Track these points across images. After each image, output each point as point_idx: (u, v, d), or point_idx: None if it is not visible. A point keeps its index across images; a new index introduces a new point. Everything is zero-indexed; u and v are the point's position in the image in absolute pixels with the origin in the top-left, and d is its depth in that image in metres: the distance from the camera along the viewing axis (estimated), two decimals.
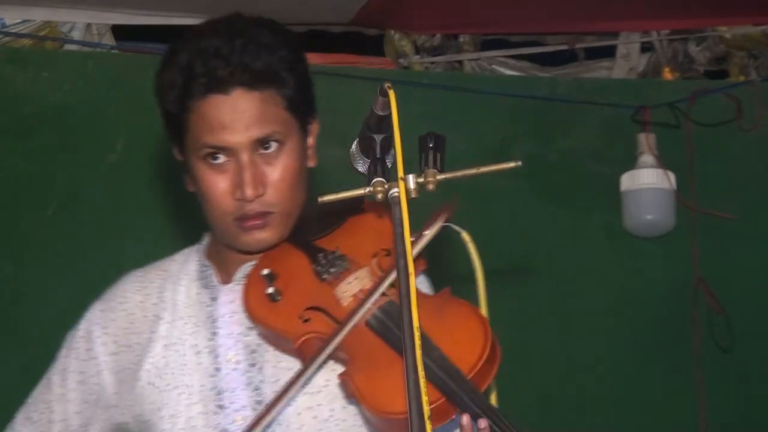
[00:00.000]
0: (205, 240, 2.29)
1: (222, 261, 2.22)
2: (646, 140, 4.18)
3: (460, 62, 4.38)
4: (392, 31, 4.21)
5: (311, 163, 2.24)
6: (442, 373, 1.93)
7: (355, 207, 2.21)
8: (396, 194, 1.82)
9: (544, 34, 4.42)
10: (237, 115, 2.08)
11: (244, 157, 2.08)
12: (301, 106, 2.17)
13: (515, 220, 4.08)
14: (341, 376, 2.01)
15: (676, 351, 4.14)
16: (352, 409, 2.09)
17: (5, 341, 3.66)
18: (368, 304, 2.01)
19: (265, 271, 2.11)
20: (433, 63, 4.34)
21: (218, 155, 2.09)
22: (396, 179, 1.83)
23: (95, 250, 3.76)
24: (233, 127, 2.08)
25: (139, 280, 2.28)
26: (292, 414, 2.07)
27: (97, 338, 2.22)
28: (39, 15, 3.86)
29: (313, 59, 4.05)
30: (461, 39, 4.33)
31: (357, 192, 1.90)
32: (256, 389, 2.10)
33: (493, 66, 4.37)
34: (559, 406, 4.06)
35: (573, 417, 4.05)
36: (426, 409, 1.67)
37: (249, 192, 2.07)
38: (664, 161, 4.15)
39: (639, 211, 4.15)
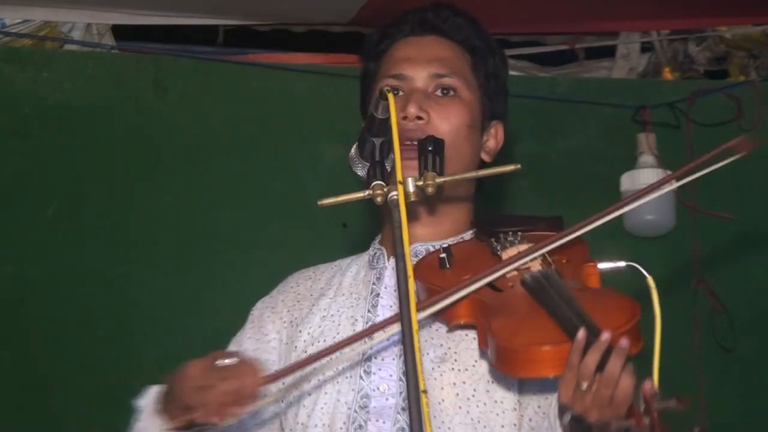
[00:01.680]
0: (379, 235, 2.36)
1: (390, 238, 2.25)
2: (646, 140, 4.18)
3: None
4: None
5: (484, 156, 2.30)
6: (577, 319, 1.90)
7: (554, 223, 2.25)
8: (395, 197, 1.83)
9: (544, 34, 4.41)
10: (424, 51, 2.24)
11: (419, 83, 2.20)
12: (488, 89, 2.28)
13: None
14: (480, 322, 2.01)
15: (676, 351, 4.14)
16: (493, 394, 2.10)
17: (5, 341, 3.66)
18: (517, 264, 2.03)
19: (443, 255, 2.14)
20: None
21: (399, 90, 2.20)
22: (395, 182, 1.84)
23: (95, 250, 3.76)
24: (416, 59, 2.23)
25: (312, 271, 2.37)
26: (434, 387, 2.08)
27: (267, 318, 2.30)
28: (39, 15, 3.86)
29: (313, 59, 4.09)
30: None
31: (357, 195, 1.91)
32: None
33: None
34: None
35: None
36: (426, 410, 1.67)
37: (412, 109, 2.18)
38: (664, 161, 4.15)
39: (639, 211, 4.14)
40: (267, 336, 2.28)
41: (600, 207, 4.14)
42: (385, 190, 1.87)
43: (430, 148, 1.91)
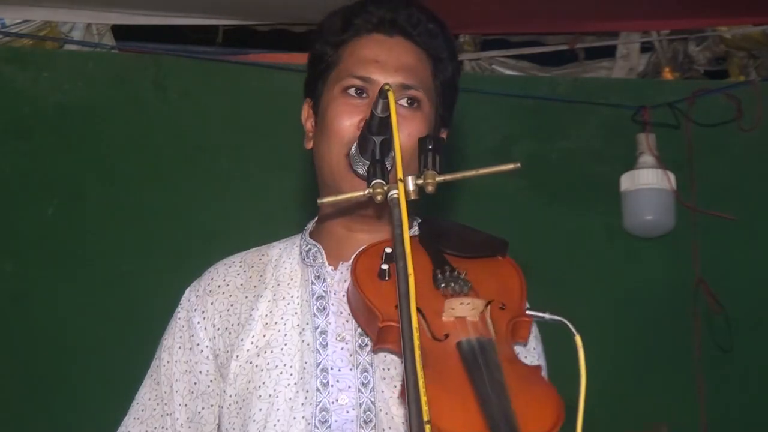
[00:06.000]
0: (310, 225, 2.26)
1: (332, 240, 2.19)
2: (646, 140, 4.18)
3: (460, 62, 4.37)
4: None
5: None
6: (504, 422, 1.81)
7: (498, 248, 2.19)
8: (395, 196, 1.82)
9: (544, 34, 4.42)
10: (392, 56, 2.13)
11: None
12: (444, 96, 2.19)
13: (515, 220, 4.08)
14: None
15: (676, 351, 4.14)
16: None
17: (5, 340, 3.66)
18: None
19: (388, 250, 2.05)
20: None
21: (361, 90, 2.11)
22: (395, 181, 1.83)
23: (95, 250, 3.76)
24: (385, 64, 2.12)
25: (239, 264, 2.25)
26: (384, 416, 2.04)
27: (198, 324, 2.19)
28: (39, 15, 3.86)
29: None
30: (461, 39, 4.33)
31: (356, 194, 1.90)
32: (364, 371, 2.06)
33: (493, 66, 4.37)
34: None
35: (572, 416, 4.05)
36: (425, 409, 1.67)
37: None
38: (664, 161, 4.15)
39: (639, 211, 4.15)
40: (199, 345, 2.17)
41: (600, 207, 4.18)
42: (385, 188, 1.85)
43: (429, 147, 1.90)
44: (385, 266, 2.03)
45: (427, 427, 1.65)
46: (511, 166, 1.92)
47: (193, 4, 3.89)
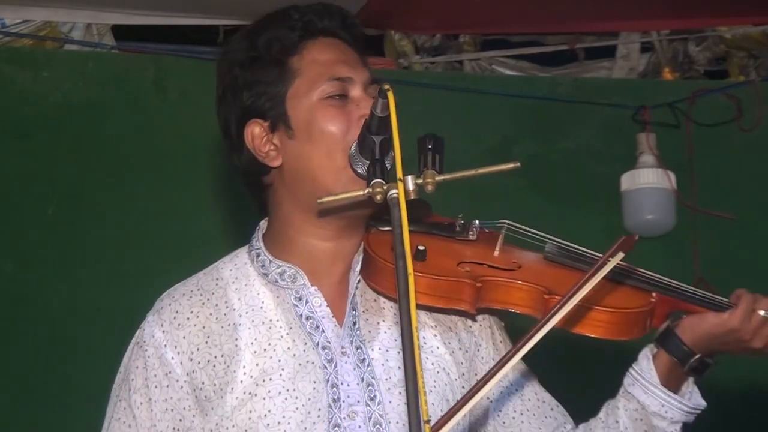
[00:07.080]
0: (259, 243, 2.19)
1: (307, 257, 2.14)
2: (646, 140, 4.18)
3: (460, 62, 4.38)
4: (392, 32, 4.21)
5: None
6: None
7: (429, 207, 2.26)
8: (395, 195, 1.82)
9: (544, 34, 4.42)
10: (347, 55, 2.15)
11: (359, 89, 2.10)
12: None
13: (515, 220, 4.07)
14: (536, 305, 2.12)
15: None
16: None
17: (5, 340, 3.67)
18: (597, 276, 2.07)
19: (421, 247, 2.09)
20: (433, 63, 4.34)
21: (342, 96, 2.10)
22: (395, 180, 1.83)
23: (95, 250, 3.76)
24: (350, 62, 2.13)
25: (198, 293, 2.16)
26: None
27: (172, 360, 2.10)
28: (39, 15, 3.86)
29: None
30: (461, 39, 4.33)
31: (356, 193, 1.90)
32: (369, 385, 2.06)
33: (493, 66, 4.38)
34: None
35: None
36: (425, 408, 1.67)
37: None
38: (664, 161, 4.15)
39: (639, 211, 4.15)
40: (178, 381, 2.09)
41: (600, 207, 4.18)
42: (385, 188, 1.85)
43: (429, 146, 1.90)
44: (421, 247, 2.08)
45: (427, 427, 1.65)
46: (510, 166, 1.93)
47: (193, 4, 3.89)
